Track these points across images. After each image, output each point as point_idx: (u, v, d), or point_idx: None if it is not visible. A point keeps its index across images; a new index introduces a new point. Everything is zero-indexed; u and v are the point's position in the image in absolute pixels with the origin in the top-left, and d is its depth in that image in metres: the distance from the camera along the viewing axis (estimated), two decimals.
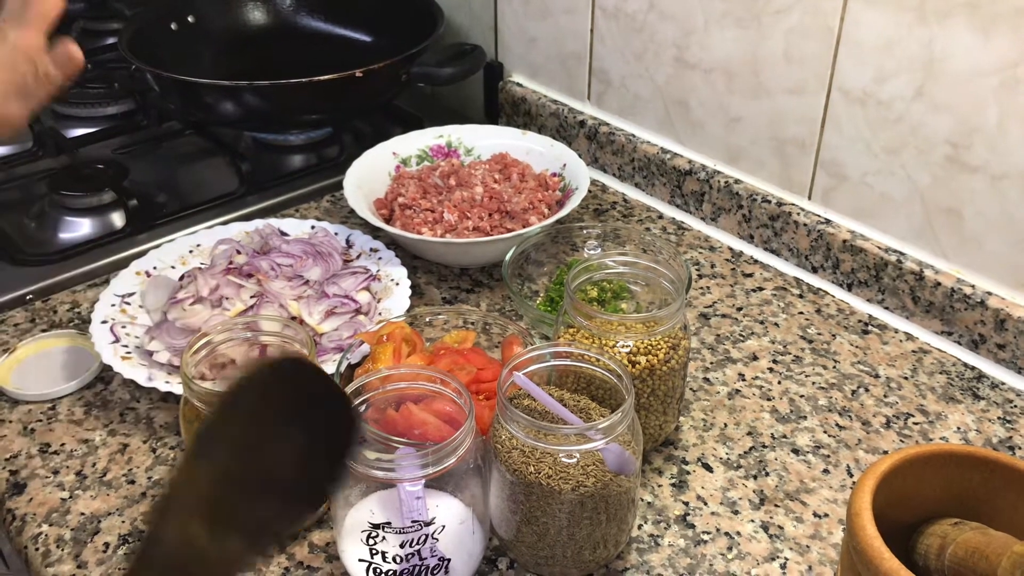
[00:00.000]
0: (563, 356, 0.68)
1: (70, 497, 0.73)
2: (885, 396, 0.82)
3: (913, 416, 0.80)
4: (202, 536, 0.43)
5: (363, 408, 0.65)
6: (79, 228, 1.04)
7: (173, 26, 1.27)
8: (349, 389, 0.63)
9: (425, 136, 1.09)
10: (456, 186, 0.99)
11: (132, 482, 0.74)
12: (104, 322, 0.84)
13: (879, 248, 0.90)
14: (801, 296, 0.94)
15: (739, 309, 0.92)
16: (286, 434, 0.46)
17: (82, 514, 0.71)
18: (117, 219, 1.05)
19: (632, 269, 0.77)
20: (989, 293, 0.84)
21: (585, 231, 0.95)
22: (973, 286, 0.85)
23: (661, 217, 1.07)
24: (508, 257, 0.90)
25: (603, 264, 0.77)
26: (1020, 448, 0.77)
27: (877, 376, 0.84)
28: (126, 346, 0.82)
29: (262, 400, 0.45)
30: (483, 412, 0.69)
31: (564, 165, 1.03)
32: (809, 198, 0.96)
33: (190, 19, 1.28)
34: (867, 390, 0.83)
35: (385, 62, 1.08)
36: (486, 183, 0.99)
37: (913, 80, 0.84)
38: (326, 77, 1.04)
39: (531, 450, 0.61)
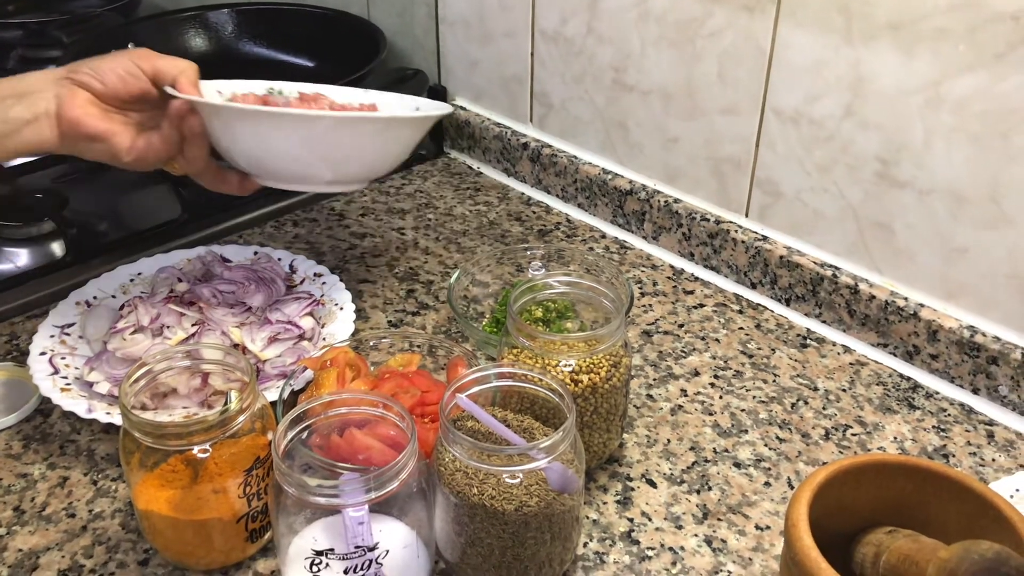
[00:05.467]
0: (506, 377, 0.69)
1: (7, 533, 0.71)
2: (824, 408, 0.84)
3: (851, 427, 0.82)
4: None
5: (306, 435, 0.65)
6: (17, 258, 1.03)
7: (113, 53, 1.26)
8: (291, 415, 0.63)
9: (253, 86, 0.92)
10: (300, 103, 0.89)
11: (72, 516, 0.73)
12: (43, 354, 0.82)
13: (815, 263, 0.93)
14: (741, 312, 0.96)
15: (681, 326, 0.94)
16: None
17: (20, 550, 0.70)
18: (57, 249, 1.04)
19: (574, 289, 0.78)
20: (921, 305, 0.87)
21: (529, 252, 0.96)
22: (906, 298, 0.87)
23: (604, 237, 1.08)
24: (453, 279, 0.90)
25: (546, 284, 0.78)
26: (954, 456, 0.79)
27: (816, 389, 0.86)
28: (65, 378, 0.81)
29: None
30: (428, 435, 0.70)
31: (417, 108, 0.91)
32: (746, 216, 0.98)
33: (130, 46, 1.27)
34: (806, 403, 0.85)
35: None
36: (334, 108, 0.89)
37: (842, 99, 0.86)
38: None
39: (474, 472, 0.62)
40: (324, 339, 0.86)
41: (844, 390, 0.86)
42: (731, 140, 0.96)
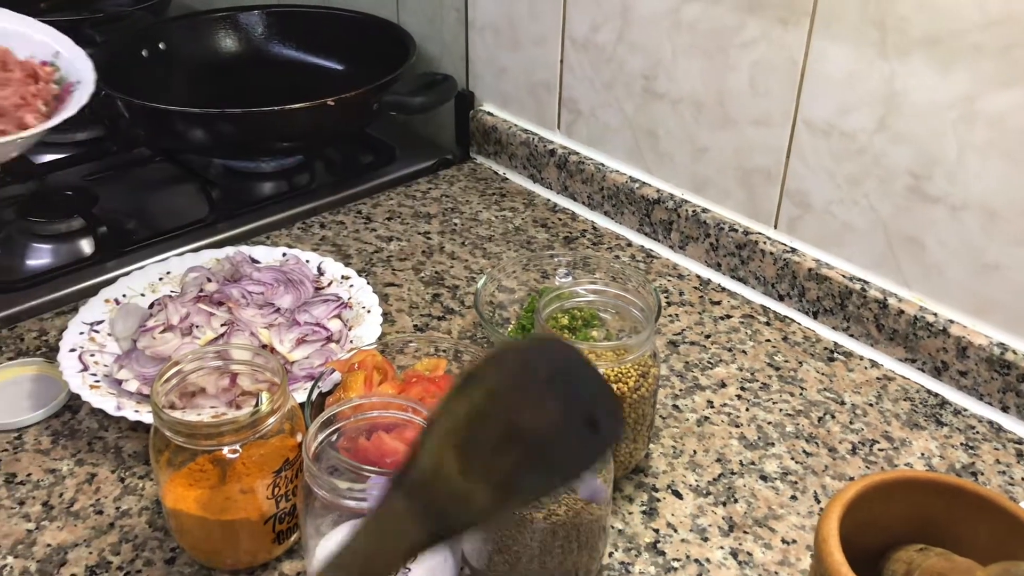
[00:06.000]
0: None
1: (36, 528, 0.72)
2: (851, 422, 0.83)
3: (878, 442, 0.81)
4: (453, 468, 0.44)
5: (334, 438, 0.65)
6: (47, 255, 1.04)
7: (144, 52, 1.27)
8: (322, 418, 0.63)
9: None
10: None
11: (100, 512, 0.73)
12: (72, 350, 0.83)
13: (843, 277, 0.92)
14: (768, 324, 0.96)
15: (707, 336, 0.94)
16: (542, 400, 0.46)
17: (48, 545, 0.70)
18: (86, 246, 1.04)
19: (602, 297, 0.77)
20: (951, 321, 0.86)
21: (555, 259, 0.96)
22: (935, 314, 0.87)
23: (630, 245, 1.08)
24: (480, 284, 0.90)
25: (574, 292, 0.78)
26: (982, 474, 0.78)
27: (843, 403, 0.86)
28: (95, 375, 0.81)
29: (526, 365, 0.46)
30: None
31: (57, 53, 0.84)
32: (775, 227, 0.98)
33: (161, 46, 1.29)
34: (833, 417, 0.84)
35: (357, 91, 1.09)
36: None
37: (875, 113, 0.86)
38: (298, 105, 1.05)
39: None
40: (351, 341, 0.86)
41: (871, 405, 0.86)
42: (761, 151, 0.96)
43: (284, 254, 0.97)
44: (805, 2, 0.87)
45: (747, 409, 0.85)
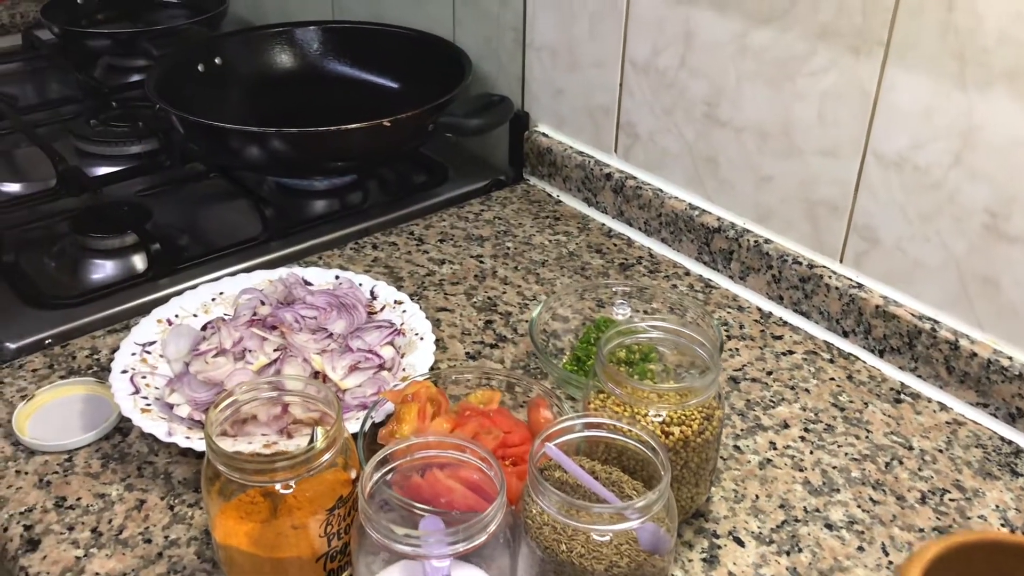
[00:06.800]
0: (595, 427, 0.66)
1: (85, 555, 0.71)
2: (919, 469, 0.80)
3: (949, 492, 0.78)
4: None
5: (389, 475, 0.63)
6: (101, 270, 1.04)
7: (200, 67, 1.27)
8: (378, 457, 0.62)
9: None
10: None
11: (148, 541, 0.72)
12: (124, 372, 0.82)
13: (912, 315, 0.89)
14: (832, 361, 0.92)
15: (769, 373, 0.91)
16: None
17: (96, 574, 0.69)
18: (139, 262, 1.04)
19: (668, 335, 0.75)
20: None
21: (611, 288, 0.94)
22: (1011, 358, 0.83)
23: (688, 274, 1.06)
24: (535, 314, 0.88)
25: (636, 329, 0.75)
26: None
27: (911, 448, 0.82)
28: (146, 398, 0.80)
29: None
30: (510, 479, 0.67)
31: None
32: (841, 261, 0.95)
33: (217, 61, 1.29)
34: (901, 462, 0.81)
35: (413, 111, 1.08)
36: None
37: (951, 147, 0.83)
38: (353, 126, 1.04)
39: (563, 527, 0.59)
40: (404, 369, 0.84)
41: (941, 451, 0.82)
42: (828, 182, 0.93)
43: (337, 276, 0.95)
44: (879, 31, 0.84)
45: (811, 452, 0.82)
